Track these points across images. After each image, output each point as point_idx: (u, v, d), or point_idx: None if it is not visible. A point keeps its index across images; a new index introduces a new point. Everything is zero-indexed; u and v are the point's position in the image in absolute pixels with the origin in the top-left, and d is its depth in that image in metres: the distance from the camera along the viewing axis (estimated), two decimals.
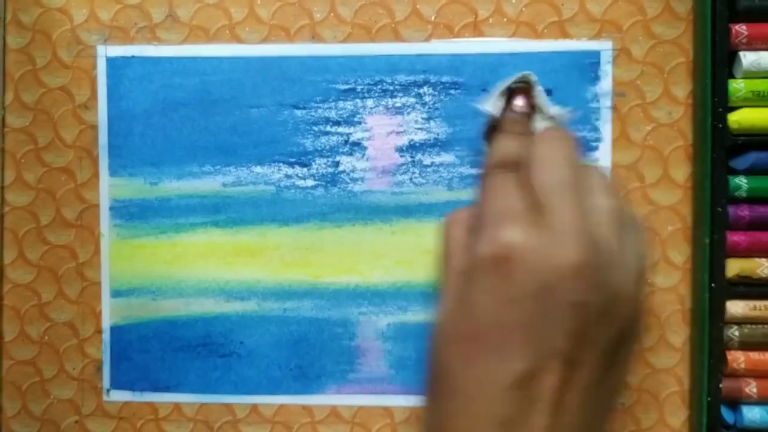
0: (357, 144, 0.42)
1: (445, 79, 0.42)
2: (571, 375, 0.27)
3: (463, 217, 0.31)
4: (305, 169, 0.42)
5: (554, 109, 0.33)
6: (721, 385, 0.39)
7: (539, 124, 0.32)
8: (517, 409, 0.27)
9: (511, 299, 0.27)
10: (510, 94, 0.33)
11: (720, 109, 0.39)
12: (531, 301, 0.27)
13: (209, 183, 0.43)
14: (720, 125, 0.39)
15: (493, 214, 0.29)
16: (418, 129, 0.42)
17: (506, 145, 0.32)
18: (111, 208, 0.43)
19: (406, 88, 0.42)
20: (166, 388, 0.44)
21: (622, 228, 0.29)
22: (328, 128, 0.42)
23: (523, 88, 0.33)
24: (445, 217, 0.31)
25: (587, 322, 0.27)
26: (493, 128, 0.33)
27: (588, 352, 0.27)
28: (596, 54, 0.41)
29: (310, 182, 0.42)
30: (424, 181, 0.42)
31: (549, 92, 0.39)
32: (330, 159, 0.42)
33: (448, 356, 0.29)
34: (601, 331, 0.27)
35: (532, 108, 0.33)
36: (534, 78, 0.33)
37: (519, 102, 0.33)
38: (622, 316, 0.28)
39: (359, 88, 0.42)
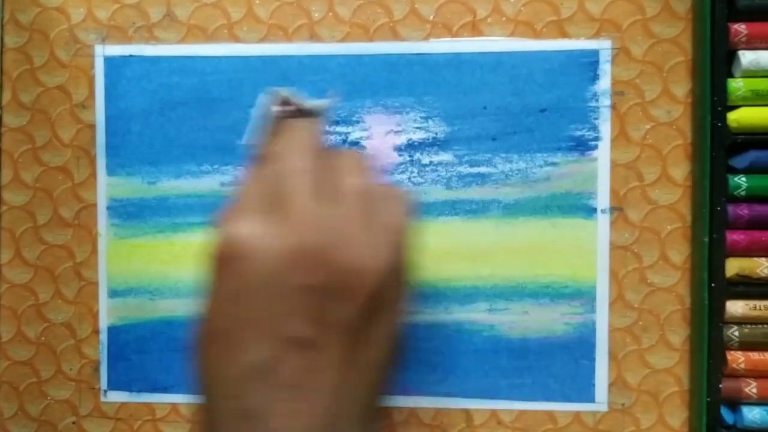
0: (355, 143, 0.42)
1: (443, 78, 0.42)
2: (314, 358, 0.27)
3: (225, 212, 0.31)
4: None
5: (311, 102, 0.34)
6: (720, 386, 0.39)
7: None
8: (260, 400, 0.27)
9: (240, 293, 0.27)
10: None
11: (719, 108, 0.39)
12: (259, 292, 0.27)
13: (207, 182, 0.43)
14: (719, 124, 0.39)
15: (227, 211, 0.29)
16: (417, 128, 0.42)
17: (262, 143, 0.33)
18: (108, 208, 0.43)
19: (404, 88, 0.42)
20: (164, 389, 0.43)
21: (369, 204, 0.29)
22: (327, 128, 0.42)
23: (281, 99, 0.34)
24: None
25: (318, 303, 0.27)
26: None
27: (328, 332, 0.27)
28: (595, 53, 0.41)
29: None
30: (422, 180, 0.42)
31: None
32: None
33: (197, 354, 0.29)
34: (338, 310, 0.27)
35: (295, 113, 0.34)
36: (279, 92, 0.34)
37: (276, 108, 0.34)
38: (360, 292, 0.27)
39: (357, 87, 0.42)
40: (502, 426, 0.42)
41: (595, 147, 0.41)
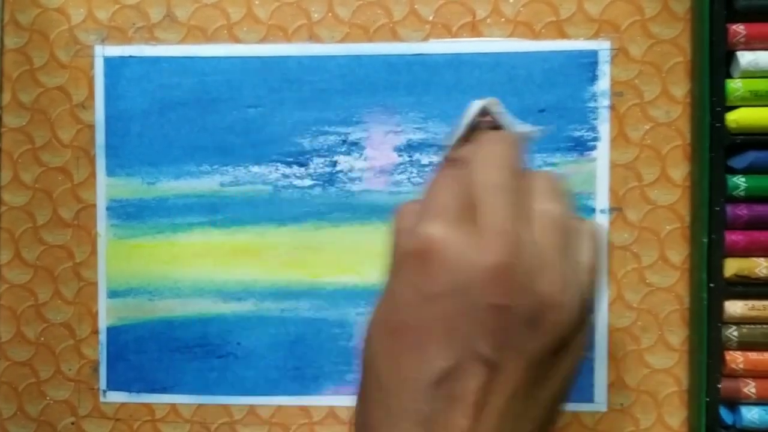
0: (355, 144, 0.42)
1: (443, 78, 0.42)
2: (494, 379, 0.27)
3: (410, 209, 0.30)
4: (303, 169, 0.42)
5: (520, 127, 0.33)
6: (719, 386, 0.39)
7: None
8: (437, 407, 0.27)
9: (431, 295, 0.27)
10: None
11: (718, 109, 0.39)
12: (450, 299, 0.27)
13: (207, 183, 0.43)
14: (718, 125, 0.39)
15: (426, 209, 0.29)
16: (416, 129, 0.42)
17: (461, 148, 0.32)
18: (108, 208, 0.43)
19: (404, 88, 0.42)
20: (163, 389, 0.43)
21: (563, 235, 0.28)
22: (326, 128, 0.42)
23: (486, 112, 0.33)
24: (395, 208, 0.31)
25: (509, 326, 0.26)
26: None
27: (512, 358, 0.27)
28: (594, 54, 0.41)
29: (307, 182, 0.42)
30: (422, 180, 0.42)
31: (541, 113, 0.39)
32: (328, 159, 0.42)
33: (373, 349, 0.29)
34: (528, 339, 0.27)
35: (497, 128, 0.33)
36: (494, 104, 0.33)
37: (485, 119, 0.33)
38: (552, 326, 0.27)
39: (357, 87, 0.42)
40: None
41: (594, 147, 0.41)
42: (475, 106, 0.33)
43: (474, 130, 0.32)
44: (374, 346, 0.29)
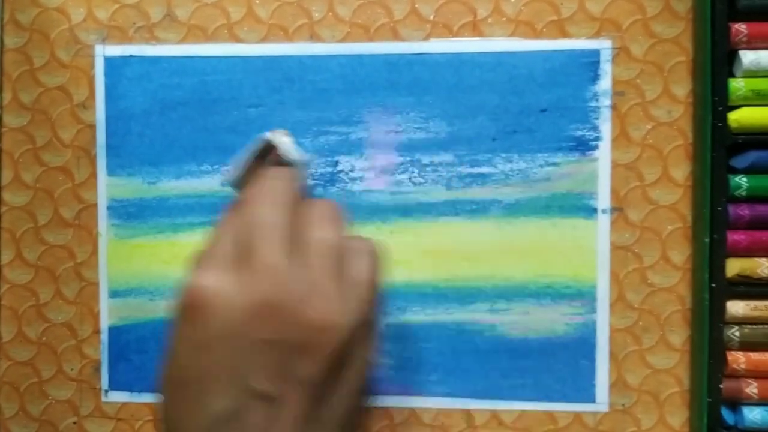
0: (355, 143, 0.42)
1: (444, 78, 0.42)
2: (276, 412, 0.27)
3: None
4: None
5: (296, 155, 0.34)
6: (721, 386, 0.39)
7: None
8: None
9: (203, 344, 0.28)
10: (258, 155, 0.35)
11: (720, 108, 0.39)
12: (223, 344, 0.27)
13: (208, 182, 0.43)
14: (720, 124, 0.39)
15: (199, 258, 0.30)
16: (417, 128, 0.42)
17: (242, 192, 0.33)
18: (109, 208, 0.43)
19: (404, 88, 0.42)
20: None
21: (337, 258, 0.29)
22: (327, 128, 0.42)
23: (267, 147, 0.35)
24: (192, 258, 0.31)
25: (281, 358, 0.27)
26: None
27: (290, 388, 0.27)
28: (596, 53, 0.41)
29: (308, 182, 0.42)
30: (422, 180, 0.42)
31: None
32: (328, 158, 0.42)
33: (163, 405, 0.29)
34: (300, 366, 0.27)
35: (281, 163, 0.34)
36: (271, 137, 0.34)
37: (252, 153, 0.34)
38: (322, 348, 0.27)
39: (358, 87, 0.42)
40: (503, 426, 0.42)
41: (596, 147, 0.41)
42: (258, 140, 0.34)
43: (260, 164, 0.34)
44: (163, 401, 0.30)
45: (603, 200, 0.41)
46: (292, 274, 0.28)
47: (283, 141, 0.35)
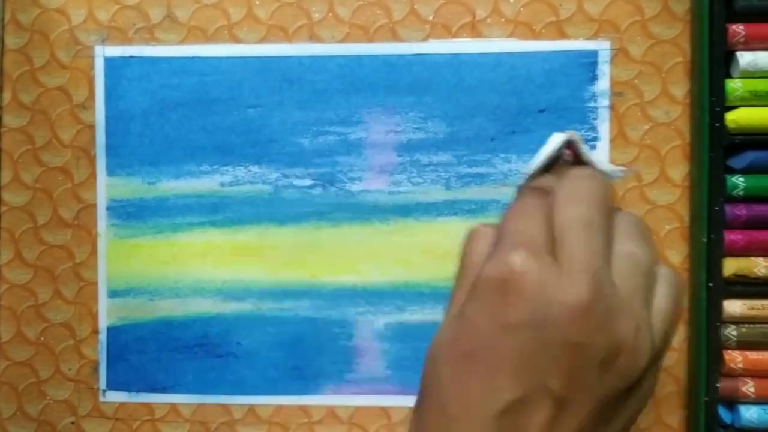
0: (355, 144, 0.42)
1: (443, 78, 0.42)
2: (560, 416, 0.27)
3: (486, 232, 0.30)
4: (303, 169, 0.42)
5: (606, 166, 0.32)
6: (718, 385, 0.39)
7: None
8: None
9: (507, 326, 0.27)
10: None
11: (717, 109, 0.39)
12: (527, 331, 0.26)
13: (207, 183, 0.43)
14: (717, 124, 0.39)
15: (509, 236, 0.28)
16: (416, 129, 0.42)
17: (545, 179, 0.31)
18: (108, 208, 0.43)
19: (404, 88, 0.42)
20: (163, 389, 0.43)
21: (644, 280, 0.28)
22: (326, 128, 0.42)
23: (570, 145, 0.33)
24: (469, 229, 0.30)
25: (583, 365, 0.26)
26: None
27: (581, 397, 0.27)
28: (594, 54, 0.41)
29: (307, 182, 0.42)
30: (421, 180, 0.42)
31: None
32: (328, 158, 0.42)
33: (441, 371, 0.28)
34: (600, 379, 0.26)
35: (581, 163, 0.32)
36: (577, 138, 0.32)
37: (567, 151, 0.32)
38: (624, 369, 0.27)
39: (357, 87, 0.42)
40: None
41: (594, 147, 0.41)
42: (559, 137, 0.32)
43: (554, 163, 0.32)
44: (441, 369, 0.28)
45: None
46: (606, 283, 0.27)
47: (585, 147, 0.32)
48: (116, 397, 0.44)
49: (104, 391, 0.44)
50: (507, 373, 0.27)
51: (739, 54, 0.39)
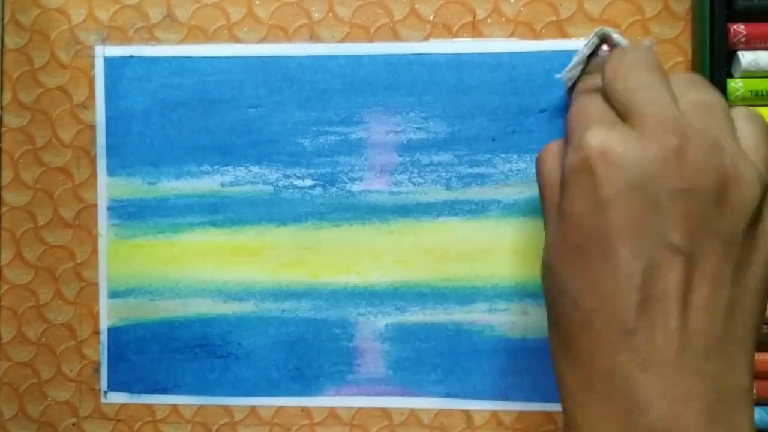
0: (355, 143, 0.42)
1: (443, 78, 0.42)
2: (694, 269, 0.26)
3: (554, 147, 0.31)
4: (303, 169, 0.42)
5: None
6: None
7: None
8: (641, 313, 0.26)
9: (607, 200, 0.26)
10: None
11: None
12: (628, 197, 0.26)
13: (207, 183, 0.43)
14: None
15: (577, 127, 0.28)
16: (417, 128, 0.42)
17: (592, 78, 0.32)
18: (109, 208, 0.43)
19: (404, 88, 0.42)
20: (164, 390, 0.43)
21: (724, 118, 0.28)
22: (327, 128, 0.42)
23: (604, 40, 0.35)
24: (540, 152, 0.31)
25: (697, 209, 0.26)
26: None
27: (707, 243, 0.26)
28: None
29: (308, 182, 0.42)
30: (422, 180, 0.42)
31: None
32: (328, 158, 0.42)
33: (559, 275, 0.28)
34: (718, 219, 0.26)
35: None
36: (607, 31, 0.34)
37: (604, 47, 0.34)
38: (739, 202, 0.26)
39: (357, 87, 0.42)
40: (502, 427, 0.42)
41: None
42: (594, 36, 0.35)
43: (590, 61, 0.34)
44: (559, 271, 0.28)
45: None
46: (692, 126, 0.27)
47: (620, 38, 0.35)
48: (117, 398, 0.44)
49: (105, 392, 0.44)
50: (625, 245, 0.26)
51: (740, 54, 0.39)
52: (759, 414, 0.39)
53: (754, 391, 0.39)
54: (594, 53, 0.36)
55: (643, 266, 0.26)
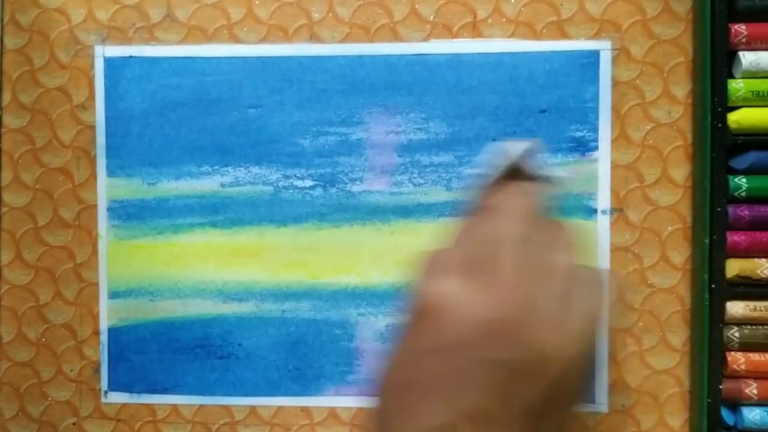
0: (355, 144, 0.42)
1: (443, 78, 0.42)
2: None
3: (438, 258, 0.31)
4: (303, 170, 0.42)
5: (551, 170, 0.34)
6: (721, 387, 0.39)
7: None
8: None
9: (432, 351, 0.27)
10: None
11: (719, 109, 0.39)
12: (452, 354, 0.27)
13: (207, 183, 0.43)
14: (719, 125, 0.39)
15: (438, 262, 0.29)
16: (417, 129, 0.42)
17: (485, 195, 0.32)
18: (108, 209, 0.43)
19: (404, 88, 0.42)
20: (164, 390, 0.43)
21: (569, 285, 0.29)
22: (327, 128, 0.42)
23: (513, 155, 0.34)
24: (425, 255, 0.31)
25: (505, 380, 0.26)
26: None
27: (508, 412, 0.27)
28: (595, 54, 0.41)
29: (308, 182, 0.42)
30: (422, 181, 0.42)
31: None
32: (328, 159, 0.42)
33: (382, 400, 0.29)
34: (523, 391, 0.27)
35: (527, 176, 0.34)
36: (528, 147, 0.34)
37: (505, 163, 0.34)
38: (549, 376, 0.27)
39: (358, 88, 0.42)
40: None
41: (596, 148, 0.41)
42: (512, 149, 0.33)
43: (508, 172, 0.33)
44: (383, 397, 0.29)
45: (603, 201, 0.41)
46: (529, 294, 0.27)
47: (530, 155, 0.34)
48: (118, 398, 0.44)
49: (106, 392, 0.44)
50: (432, 399, 0.27)
51: (741, 54, 0.39)
52: (762, 416, 0.39)
53: (756, 392, 0.39)
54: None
55: (442, 422, 0.26)
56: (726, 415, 0.40)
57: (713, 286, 0.39)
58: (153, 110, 0.43)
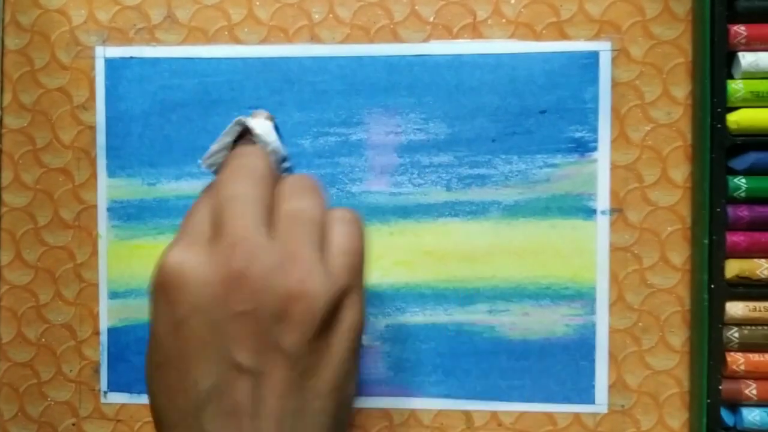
0: (355, 144, 0.42)
1: (444, 79, 0.42)
2: (260, 383, 0.27)
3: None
4: (304, 170, 0.42)
5: (272, 139, 0.36)
6: (720, 387, 0.39)
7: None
8: (216, 428, 0.27)
9: (179, 321, 0.28)
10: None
11: (719, 110, 0.39)
12: (199, 319, 0.27)
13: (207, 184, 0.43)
14: (719, 125, 0.39)
15: (174, 239, 0.30)
16: (417, 130, 0.42)
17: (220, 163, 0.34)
18: (109, 209, 0.43)
19: (404, 89, 0.42)
20: None
21: (312, 227, 0.29)
22: (327, 129, 0.42)
23: (245, 130, 0.36)
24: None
25: (259, 329, 0.27)
26: None
27: (272, 359, 0.27)
28: (595, 54, 0.41)
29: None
30: (422, 181, 0.42)
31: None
32: (328, 159, 0.42)
33: (150, 386, 0.29)
34: (280, 336, 0.27)
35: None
36: (245, 121, 0.36)
37: (258, 131, 0.36)
38: (303, 316, 0.27)
39: (358, 88, 0.42)
40: (503, 427, 0.42)
41: (595, 148, 0.41)
42: (234, 125, 0.36)
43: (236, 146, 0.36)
44: (149, 384, 0.30)
45: (602, 201, 0.41)
46: (264, 244, 0.28)
47: (260, 125, 0.36)
48: (117, 398, 0.44)
49: (105, 393, 0.44)
50: (196, 365, 0.28)
51: (740, 55, 0.39)
52: (762, 416, 0.39)
53: (756, 392, 0.39)
54: (246, 138, 0.37)
55: (211, 385, 0.27)
56: (725, 415, 0.40)
57: (713, 286, 0.39)
58: (153, 111, 0.43)
